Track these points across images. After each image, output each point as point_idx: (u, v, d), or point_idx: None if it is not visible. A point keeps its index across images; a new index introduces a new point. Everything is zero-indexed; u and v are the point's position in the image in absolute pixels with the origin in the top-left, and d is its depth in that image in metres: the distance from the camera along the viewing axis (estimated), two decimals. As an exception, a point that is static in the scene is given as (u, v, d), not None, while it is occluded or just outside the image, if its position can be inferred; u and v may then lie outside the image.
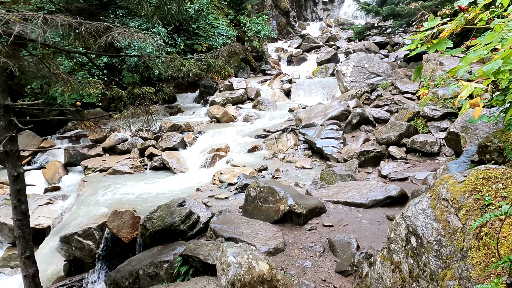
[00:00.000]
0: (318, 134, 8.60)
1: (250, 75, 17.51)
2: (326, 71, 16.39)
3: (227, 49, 4.38)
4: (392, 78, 12.30)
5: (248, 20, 17.13)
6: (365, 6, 16.15)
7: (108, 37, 3.11)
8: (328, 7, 31.68)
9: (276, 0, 25.13)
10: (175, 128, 10.10)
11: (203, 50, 14.47)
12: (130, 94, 4.92)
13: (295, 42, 23.54)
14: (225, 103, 12.83)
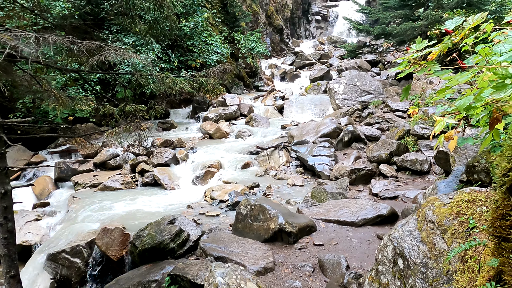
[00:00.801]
0: (310, 151, 8.64)
1: (244, 91, 17.62)
2: (318, 88, 16.57)
3: (218, 68, 4.42)
4: (383, 96, 12.46)
5: (242, 37, 17.34)
6: (357, 25, 16.47)
7: (100, 57, 3.14)
8: (321, 25, 32.20)
9: (270, 18, 25.51)
10: (167, 144, 10.09)
11: (197, 66, 14.58)
12: (122, 111, 4.93)
13: (289, 59, 23.81)
14: (218, 119, 12.87)
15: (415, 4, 14.46)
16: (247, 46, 17.04)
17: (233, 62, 17.60)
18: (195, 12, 14.77)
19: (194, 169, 8.74)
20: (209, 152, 9.74)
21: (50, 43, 2.73)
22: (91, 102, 5.03)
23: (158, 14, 3.95)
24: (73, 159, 9.72)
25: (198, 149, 9.97)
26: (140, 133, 5.46)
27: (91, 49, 3.18)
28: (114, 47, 3.29)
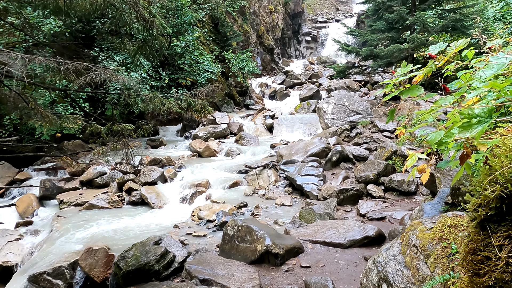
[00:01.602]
0: (298, 171, 8.66)
1: (234, 109, 17.72)
2: (308, 108, 16.74)
3: (207, 89, 4.46)
4: (371, 116, 12.63)
5: (233, 57, 17.54)
6: (346, 47, 16.79)
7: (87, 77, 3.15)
8: (311, 46, 32.78)
9: (261, 37, 25.90)
10: (155, 162, 10.02)
11: (187, 84, 14.66)
12: (109, 130, 4.91)
13: (279, 78, 24.11)
14: (207, 137, 12.87)
15: (401, 27, 14.84)
16: (238, 65, 17.23)
17: (224, 81, 17.74)
18: (187, 31, 14.93)
19: (182, 188, 8.67)
20: (197, 170, 9.70)
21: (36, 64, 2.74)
22: (78, 120, 5.00)
23: (148, 35, 4.00)
24: (59, 176, 9.59)
25: (186, 167, 9.92)
26: (128, 151, 5.43)
27: (78, 70, 3.18)
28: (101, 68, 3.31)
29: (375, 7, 16.39)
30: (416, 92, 2.89)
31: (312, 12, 36.75)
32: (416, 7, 14.50)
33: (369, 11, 17.76)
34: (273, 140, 12.91)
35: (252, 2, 24.66)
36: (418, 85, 3.04)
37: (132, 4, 3.63)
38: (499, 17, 13.57)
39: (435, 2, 14.50)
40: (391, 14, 14.26)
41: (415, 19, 13.39)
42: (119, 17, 3.80)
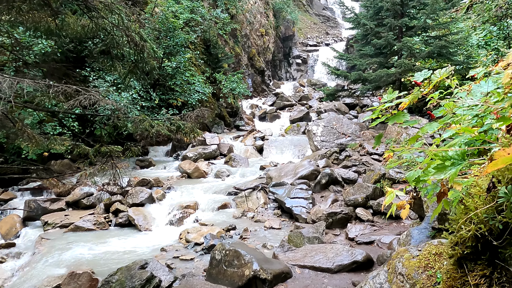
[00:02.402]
0: (287, 193, 8.65)
1: (224, 130, 17.75)
2: (298, 129, 16.86)
3: (196, 112, 4.48)
4: (360, 139, 12.76)
5: (224, 78, 17.70)
6: (335, 71, 17.11)
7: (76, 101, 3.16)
8: (301, 68, 33.28)
9: (252, 60, 26.25)
10: (144, 183, 9.92)
11: (178, 105, 14.70)
12: (97, 152, 4.88)
13: (270, 99, 24.32)
14: (197, 158, 12.83)
15: (389, 52, 15.21)
16: (229, 87, 17.37)
17: (215, 102, 17.84)
18: (178, 52, 15.08)
19: (171, 209, 8.58)
20: (186, 192, 9.62)
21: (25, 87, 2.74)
22: (66, 142, 4.97)
23: (138, 58, 4.04)
24: (45, 197, 9.41)
25: (175, 188, 9.84)
26: (116, 173, 5.39)
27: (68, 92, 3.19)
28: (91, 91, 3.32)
29: (363, 33, 16.81)
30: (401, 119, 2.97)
31: (303, 35, 37.50)
32: (403, 34, 14.92)
33: (358, 36, 18.20)
34: (263, 162, 12.93)
35: (244, 25, 25.11)
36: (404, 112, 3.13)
37: (123, 29, 3.68)
38: (483, 44, 14.03)
39: (421, 29, 14.94)
40: (379, 40, 14.63)
41: (402, 45, 13.75)
42: (110, 41, 3.84)
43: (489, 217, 0.94)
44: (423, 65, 15.53)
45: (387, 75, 13.85)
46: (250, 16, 26.12)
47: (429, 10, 13.68)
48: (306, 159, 11.11)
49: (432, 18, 14.53)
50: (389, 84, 15.64)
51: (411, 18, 15.27)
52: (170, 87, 14.74)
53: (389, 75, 13.91)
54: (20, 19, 4.39)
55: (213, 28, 18.58)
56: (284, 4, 31.35)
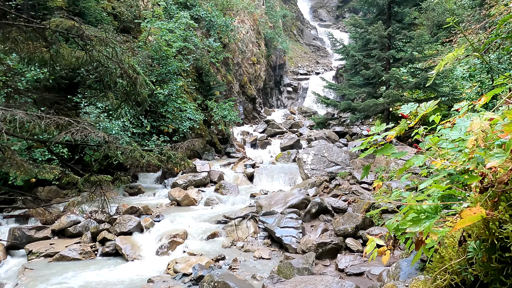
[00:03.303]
0: (277, 222, 8.61)
1: (215, 157, 17.76)
2: (288, 157, 16.95)
3: (187, 143, 4.53)
4: (350, 167, 12.86)
5: (216, 105, 17.87)
6: (325, 100, 17.42)
7: (67, 134, 3.18)
8: (292, 96, 33.82)
9: (244, 87, 26.64)
10: (132, 211, 9.80)
11: (169, 131, 14.74)
12: (86, 181, 4.86)
13: (260, 127, 24.52)
14: (187, 186, 12.76)
15: (377, 83, 15.59)
16: (220, 114, 17.52)
17: (206, 129, 17.93)
18: (171, 80, 15.27)
19: (159, 238, 8.46)
20: (175, 220, 9.51)
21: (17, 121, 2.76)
22: (55, 170, 4.94)
23: (131, 90, 4.11)
24: (30, 224, 9.21)
25: (164, 217, 9.73)
26: (104, 201, 5.34)
27: (59, 124, 3.22)
28: (82, 123, 3.35)
29: (352, 63, 17.25)
30: (389, 151, 3.06)
31: (294, 64, 38.30)
32: (390, 65, 15.35)
33: (347, 66, 18.66)
34: (253, 190, 12.90)
35: (236, 54, 25.62)
36: (391, 144, 3.22)
37: (117, 61, 3.77)
38: (467, 76, 14.48)
39: (408, 61, 15.40)
40: (367, 70, 15.01)
41: (390, 76, 14.13)
42: (104, 73, 3.91)
43: (461, 269, 0.98)
44: (411, 96, 15.92)
45: (376, 105, 14.14)
46: (242, 45, 26.71)
47: (415, 43, 14.15)
48: (296, 187, 11.13)
49: (418, 51, 15.01)
50: (378, 113, 15.95)
51: (398, 50, 15.76)
52: (162, 114, 14.82)
53: (377, 105, 14.20)
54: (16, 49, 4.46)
55: (206, 57, 18.93)
56: (275, 34, 32.18)
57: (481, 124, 1.08)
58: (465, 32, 17.34)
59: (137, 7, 16.53)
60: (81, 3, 13.43)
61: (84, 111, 11.56)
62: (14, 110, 2.90)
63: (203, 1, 21.00)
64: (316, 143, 17.68)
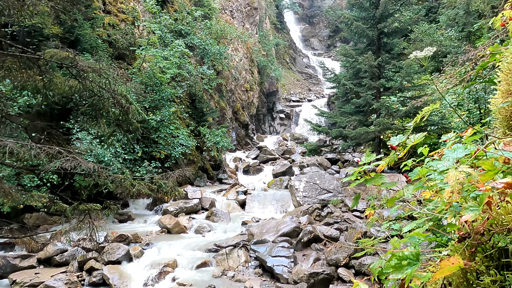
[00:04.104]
0: (269, 251, 8.50)
1: (207, 183, 17.66)
2: (281, 184, 16.91)
3: (178, 173, 4.52)
4: (342, 195, 12.86)
5: (208, 132, 17.93)
6: (316, 127, 17.61)
7: (57, 163, 3.17)
8: (285, 122, 34.10)
9: (237, 114, 26.84)
10: (121, 239, 9.62)
11: (161, 157, 14.68)
12: (75, 209, 4.79)
13: (253, 153, 24.55)
14: (178, 213, 12.60)
15: (368, 111, 15.82)
16: (213, 140, 17.55)
17: (198, 155, 17.90)
18: (164, 106, 15.35)
19: (148, 268, 8.28)
20: (165, 248, 9.35)
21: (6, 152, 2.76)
22: (43, 198, 4.87)
23: (123, 119, 4.13)
24: (15, 253, 8.96)
25: (154, 245, 9.56)
26: (93, 229, 5.25)
27: (49, 154, 3.21)
28: (73, 153, 3.34)
29: (344, 91, 17.57)
30: (379, 181, 3.10)
31: (286, 91, 38.84)
32: (380, 94, 15.64)
33: (339, 93, 18.98)
34: (245, 217, 12.78)
35: (229, 81, 25.95)
36: (381, 174, 3.27)
37: (110, 91, 3.81)
38: (456, 105, 14.79)
39: (397, 90, 15.71)
40: (358, 99, 15.28)
41: (380, 104, 14.37)
42: (96, 102, 3.94)
43: (444, 316, 1.00)
44: (401, 124, 16.16)
45: (367, 133, 14.30)
46: (236, 72, 27.11)
47: (404, 73, 14.50)
48: (288, 215, 11.06)
49: (407, 80, 15.37)
50: (369, 141, 16.11)
51: (388, 80, 16.10)
52: (154, 139, 14.81)
53: (368, 133, 14.37)
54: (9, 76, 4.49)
55: (199, 83, 19.14)
56: (268, 62, 32.76)
57: (457, 176, 1.11)
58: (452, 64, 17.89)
59: (133, 35, 16.79)
60: (77, 31, 13.63)
61: (76, 137, 11.51)
62: (4, 139, 2.90)
63: (198, 29, 21.43)
64: (308, 169, 17.71)
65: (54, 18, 12.98)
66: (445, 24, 23.88)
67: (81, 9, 14.23)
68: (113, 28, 16.26)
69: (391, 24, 15.50)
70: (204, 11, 22.23)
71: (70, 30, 13.51)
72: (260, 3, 37.19)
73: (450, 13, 23.44)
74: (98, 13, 15.48)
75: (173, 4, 21.05)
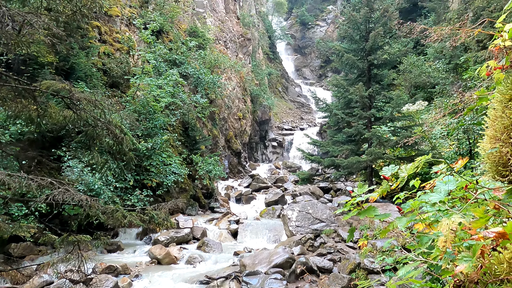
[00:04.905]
0: (261, 283, 8.34)
1: (199, 212, 17.45)
2: (273, 213, 16.78)
3: (170, 203, 4.49)
4: (335, 225, 12.78)
5: (201, 160, 17.90)
6: (309, 156, 17.70)
7: (49, 197, 3.14)
8: (277, 151, 34.21)
9: (229, 142, 26.93)
10: (110, 270, 9.37)
11: (153, 186, 14.55)
12: (64, 241, 4.69)
13: (245, 181, 24.46)
14: (169, 242, 12.37)
15: (360, 140, 16.00)
16: (205, 169, 17.50)
17: (190, 183, 17.78)
18: (157, 134, 15.36)
19: (136, 301, 8.04)
20: (155, 280, 9.12)
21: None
22: (32, 229, 4.78)
23: (117, 149, 4.13)
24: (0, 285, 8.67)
25: (143, 276, 9.33)
26: (81, 261, 5.13)
27: (40, 185, 3.18)
28: (65, 185, 3.32)
29: (335, 120, 17.82)
30: (372, 213, 3.12)
31: (279, 120, 39.22)
32: (372, 123, 15.88)
33: (331, 122, 19.23)
34: (237, 247, 12.59)
35: (222, 109, 26.18)
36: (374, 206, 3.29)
37: (105, 122, 3.83)
38: (445, 134, 15.03)
39: (388, 119, 15.98)
40: (350, 128, 15.49)
41: (372, 134, 14.57)
42: (91, 132, 3.95)
43: None
44: (392, 153, 16.32)
45: (359, 162, 14.40)
46: (229, 101, 27.41)
47: (394, 103, 14.80)
48: (281, 245, 10.92)
49: (397, 111, 15.66)
50: (361, 170, 16.19)
51: (378, 110, 16.39)
52: (146, 167, 14.71)
53: (360, 162, 14.46)
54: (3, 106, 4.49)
55: (193, 112, 19.29)
56: (261, 91, 33.26)
57: (449, 226, 1.14)
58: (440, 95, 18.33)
59: (127, 64, 17.01)
60: (72, 59, 13.77)
61: (67, 165, 11.41)
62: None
63: (192, 59, 21.79)
64: (301, 198, 17.65)
65: (50, 47, 13.13)
66: (433, 56, 24.61)
67: (77, 39, 14.45)
68: (108, 57, 16.47)
69: (380, 56, 15.96)
70: (198, 42, 22.69)
71: (65, 58, 13.65)
72: (253, 34, 38.16)
73: (437, 46, 24.21)
74: (94, 43, 15.72)
75: (168, 35, 21.47)
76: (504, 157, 1.29)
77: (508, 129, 1.26)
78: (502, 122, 1.29)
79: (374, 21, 16.25)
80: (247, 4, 42.35)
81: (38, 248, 10.70)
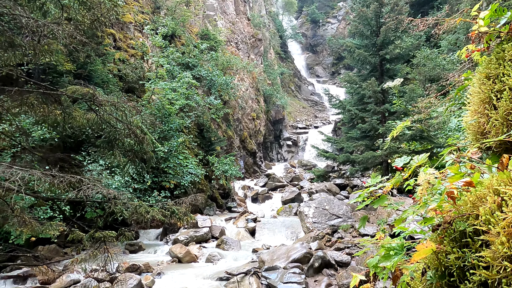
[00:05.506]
0: (280, 278, 8.48)
1: (216, 212, 17.72)
2: (290, 211, 16.90)
3: (190, 198, 4.69)
4: (352, 220, 12.83)
5: (217, 160, 18.17)
6: (324, 153, 17.75)
7: (80, 191, 3.37)
8: (292, 150, 34.29)
9: (244, 142, 27.16)
10: (133, 269, 9.66)
11: (170, 187, 14.86)
12: (91, 237, 4.95)
13: (261, 180, 24.64)
14: (188, 242, 12.64)
15: (374, 135, 16.00)
16: (221, 169, 17.76)
17: (207, 183, 18.07)
18: (173, 136, 15.69)
19: (160, 297, 8.29)
20: (176, 278, 9.36)
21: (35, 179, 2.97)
22: (60, 227, 5.05)
23: (138, 148, 4.36)
24: (29, 285, 9.05)
25: (165, 274, 9.58)
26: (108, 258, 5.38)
27: (71, 182, 3.41)
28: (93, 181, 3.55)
29: (349, 117, 17.84)
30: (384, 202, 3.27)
31: (292, 119, 39.28)
32: (386, 118, 15.87)
33: (345, 119, 19.26)
34: (255, 244, 12.76)
35: (236, 110, 26.43)
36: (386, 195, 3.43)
37: (126, 123, 4.06)
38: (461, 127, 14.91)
39: (402, 114, 15.93)
40: (364, 124, 15.51)
41: (386, 129, 14.56)
42: (113, 133, 4.18)
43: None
44: (408, 147, 16.25)
45: (374, 157, 14.42)
46: (242, 101, 27.65)
47: (408, 97, 14.75)
48: (299, 241, 11.05)
49: (411, 104, 15.59)
50: (377, 165, 16.19)
51: (392, 104, 16.36)
52: (163, 169, 15.05)
53: (375, 157, 14.48)
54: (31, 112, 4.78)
55: (207, 113, 19.58)
56: (274, 91, 33.39)
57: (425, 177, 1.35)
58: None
59: (142, 69, 17.41)
60: (89, 66, 14.22)
61: (87, 169, 11.80)
62: (31, 170, 3.13)
63: (204, 61, 22.11)
64: (317, 196, 17.72)
65: (68, 55, 13.59)
66: (447, 48, 24.31)
67: (93, 46, 14.88)
68: (123, 63, 16.91)
69: (392, 51, 15.92)
70: (210, 44, 23.02)
71: (82, 66, 14.10)
72: (264, 35, 38.33)
73: (451, 38, 23.93)
74: (109, 50, 16.16)
75: (180, 38, 21.85)
76: (482, 126, 1.48)
77: (484, 102, 1.44)
78: (479, 97, 1.49)
79: (385, 15, 16.23)
80: (257, 4, 42.60)
81: (63, 250, 11.11)
